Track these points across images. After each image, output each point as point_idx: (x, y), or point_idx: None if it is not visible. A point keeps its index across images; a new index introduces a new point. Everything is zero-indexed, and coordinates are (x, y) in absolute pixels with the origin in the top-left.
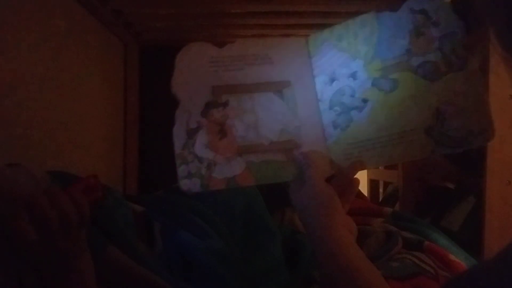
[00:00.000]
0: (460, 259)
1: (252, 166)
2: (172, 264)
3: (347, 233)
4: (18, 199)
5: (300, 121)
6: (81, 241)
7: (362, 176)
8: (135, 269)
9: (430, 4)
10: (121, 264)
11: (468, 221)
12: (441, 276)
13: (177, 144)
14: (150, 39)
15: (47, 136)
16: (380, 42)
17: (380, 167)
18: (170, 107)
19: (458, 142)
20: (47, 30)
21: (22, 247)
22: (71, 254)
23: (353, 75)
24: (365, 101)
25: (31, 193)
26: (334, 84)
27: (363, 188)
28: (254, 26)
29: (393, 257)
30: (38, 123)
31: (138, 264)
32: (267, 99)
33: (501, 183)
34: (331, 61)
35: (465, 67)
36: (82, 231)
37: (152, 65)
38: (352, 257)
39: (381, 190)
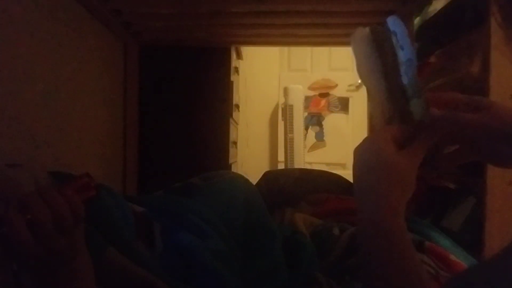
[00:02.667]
0: (460, 259)
1: None
2: (172, 264)
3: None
4: (13, 199)
5: None
6: (78, 241)
7: None
8: (134, 270)
9: (398, 29)
10: (121, 265)
11: (469, 221)
12: (441, 276)
13: None
14: (149, 38)
15: (47, 136)
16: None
17: None
18: (170, 107)
19: None
20: (47, 30)
21: (17, 248)
22: (67, 253)
23: None
24: None
25: (24, 193)
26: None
27: None
28: (254, 26)
29: None
30: (39, 123)
31: (137, 265)
32: None
33: (502, 183)
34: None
35: (421, 95)
36: (78, 230)
37: (152, 65)
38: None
39: None
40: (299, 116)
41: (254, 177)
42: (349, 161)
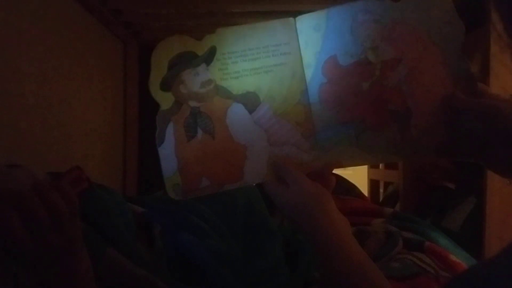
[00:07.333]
0: (460, 259)
1: None
2: (172, 265)
3: (345, 227)
4: (8, 197)
5: None
6: (75, 237)
7: (363, 176)
8: (134, 271)
9: None
10: (121, 266)
11: (469, 221)
12: (441, 277)
13: None
14: (149, 38)
15: (47, 137)
16: None
17: (380, 167)
18: None
19: None
20: (47, 30)
21: (14, 246)
22: (65, 250)
23: None
24: None
25: (18, 191)
26: None
27: (364, 188)
28: None
29: (394, 258)
30: (38, 123)
31: (137, 266)
32: None
33: (502, 183)
34: None
35: None
36: (75, 225)
37: None
38: (356, 250)
39: (381, 190)
40: None
41: None
42: None
